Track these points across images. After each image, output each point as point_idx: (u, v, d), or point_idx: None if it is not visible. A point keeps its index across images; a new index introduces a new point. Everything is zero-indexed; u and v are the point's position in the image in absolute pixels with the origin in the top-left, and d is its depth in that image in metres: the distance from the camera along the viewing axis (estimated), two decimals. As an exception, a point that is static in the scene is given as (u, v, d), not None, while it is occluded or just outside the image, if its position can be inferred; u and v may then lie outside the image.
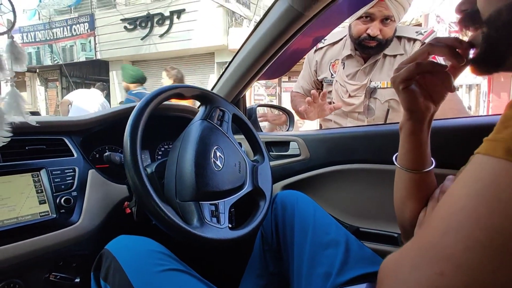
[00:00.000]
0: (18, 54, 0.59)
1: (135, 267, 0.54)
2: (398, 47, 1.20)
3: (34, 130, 0.71)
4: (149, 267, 0.54)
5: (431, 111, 0.53)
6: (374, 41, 1.16)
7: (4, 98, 0.60)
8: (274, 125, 1.43)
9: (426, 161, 0.55)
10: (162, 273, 0.54)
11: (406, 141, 0.55)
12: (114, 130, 0.80)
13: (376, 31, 1.14)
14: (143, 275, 0.53)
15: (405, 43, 1.20)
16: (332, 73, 1.33)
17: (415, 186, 0.56)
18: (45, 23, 9.46)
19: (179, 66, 8.75)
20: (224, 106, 0.76)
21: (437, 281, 0.26)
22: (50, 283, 0.66)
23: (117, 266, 0.55)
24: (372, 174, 0.83)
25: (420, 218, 0.55)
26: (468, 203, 0.27)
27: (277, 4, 0.79)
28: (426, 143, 0.54)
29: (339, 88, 1.28)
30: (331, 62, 1.33)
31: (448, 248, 0.27)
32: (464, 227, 0.26)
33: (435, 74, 0.50)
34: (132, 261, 0.55)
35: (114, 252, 0.57)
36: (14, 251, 0.60)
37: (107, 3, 9.01)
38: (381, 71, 1.22)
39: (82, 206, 0.71)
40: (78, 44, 9.20)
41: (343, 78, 1.27)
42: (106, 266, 0.57)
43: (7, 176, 0.65)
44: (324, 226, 0.69)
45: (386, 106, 1.21)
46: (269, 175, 0.79)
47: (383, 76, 1.21)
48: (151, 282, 0.53)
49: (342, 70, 1.28)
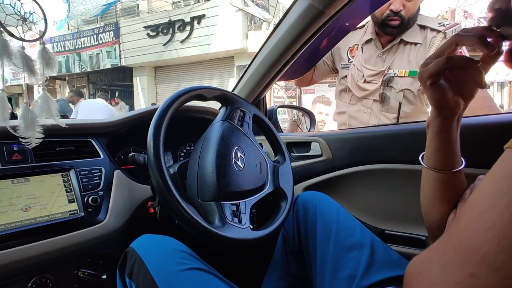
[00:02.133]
0: (49, 60, 0.62)
1: (158, 265, 0.55)
2: (417, 35, 1.17)
3: (63, 132, 0.74)
4: (172, 266, 0.55)
5: (460, 108, 0.50)
6: (397, 18, 1.14)
7: (37, 102, 0.63)
8: (294, 126, 1.42)
9: (455, 160, 0.52)
10: (185, 271, 0.54)
11: (434, 140, 0.52)
12: (138, 131, 0.83)
13: (399, 6, 1.12)
14: (166, 273, 0.54)
15: (427, 33, 1.17)
16: (349, 58, 1.31)
17: (444, 187, 0.53)
18: (73, 33, 9.96)
19: (199, 70, 8.98)
20: (245, 107, 0.76)
21: (468, 283, 0.24)
22: (79, 279, 0.68)
23: (141, 264, 0.56)
24: (398, 174, 0.81)
25: (449, 220, 0.52)
26: (499, 200, 0.26)
27: (297, 3, 0.79)
28: (455, 142, 0.52)
29: (355, 72, 1.26)
30: (350, 47, 1.32)
31: (479, 248, 0.25)
32: (496, 226, 0.25)
33: (466, 69, 0.47)
34: (156, 259, 0.56)
35: (138, 251, 0.59)
36: (46, 247, 0.63)
37: (131, 12, 9.36)
38: (400, 58, 1.19)
39: (108, 205, 0.74)
40: (104, 52, 9.61)
41: (361, 62, 1.25)
42: (130, 264, 0.58)
43: (40, 176, 0.69)
44: (347, 228, 0.67)
45: (401, 96, 1.18)
46: (290, 175, 0.78)
47: (402, 64, 1.18)
48: (174, 280, 0.53)
49: (361, 55, 1.26)
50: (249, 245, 0.60)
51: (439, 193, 0.54)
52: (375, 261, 0.60)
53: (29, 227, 0.63)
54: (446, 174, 0.53)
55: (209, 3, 8.06)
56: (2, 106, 0.58)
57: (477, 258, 0.25)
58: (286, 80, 6.45)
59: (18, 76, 9.25)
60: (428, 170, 0.55)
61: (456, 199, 0.54)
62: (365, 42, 1.27)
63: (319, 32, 0.84)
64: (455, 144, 0.52)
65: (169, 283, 0.53)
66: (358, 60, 1.26)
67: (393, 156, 0.81)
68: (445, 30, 1.13)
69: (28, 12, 0.59)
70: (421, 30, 1.18)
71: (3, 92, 0.59)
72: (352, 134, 0.92)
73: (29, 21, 0.59)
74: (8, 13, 0.58)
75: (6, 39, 0.56)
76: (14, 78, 9.87)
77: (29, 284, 0.62)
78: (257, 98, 1.08)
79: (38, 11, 0.60)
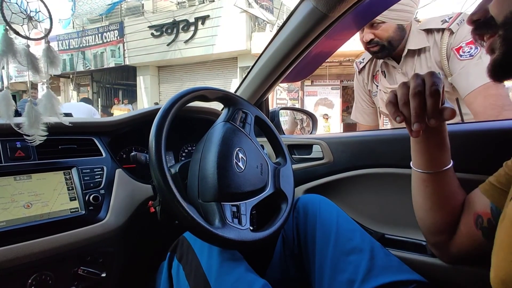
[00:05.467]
0: (53, 58, 0.62)
1: (204, 253, 0.64)
2: (423, 41, 1.16)
3: (67, 130, 0.75)
4: (216, 255, 0.62)
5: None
6: (373, 45, 1.18)
7: (41, 100, 0.63)
8: (295, 127, 1.42)
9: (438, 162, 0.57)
10: (227, 261, 0.61)
11: (415, 147, 0.59)
12: (140, 131, 0.83)
13: (368, 36, 1.16)
14: (211, 260, 0.62)
15: (435, 35, 1.16)
16: (376, 85, 1.33)
17: (432, 191, 0.58)
18: (78, 31, 10.02)
19: (202, 70, 9.01)
20: (247, 108, 0.76)
21: None
22: (79, 277, 0.68)
23: (191, 251, 0.65)
24: (399, 178, 0.80)
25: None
26: None
27: (301, 6, 0.79)
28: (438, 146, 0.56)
29: (382, 96, 1.28)
30: (373, 75, 1.34)
31: None
32: None
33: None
34: (202, 248, 0.65)
35: (189, 239, 0.68)
36: (46, 245, 0.63)
37: (136, 11, 9.40)
38: (420, 68, 1.18)
39: (109, 204, 0.74)
40: (108, 50, 9.66)
41: (385, 85, 1.26)
42: (182, 250, 0.67)
43: (42, 173, 0.69)
44: (347, 232, 0.67)
45: None
46: (291, 178, 0.78)
47: (423, 70, 1.17)
48: (218, 267, 0.60)
49: (384, 78, 1.28)
50: (248, 246, 0.60)
51: (428, 196, 0.59)
52: (375, 266, 0.60)
53: (31, 224, 0.63)
54: (431, 175, 0.57)
55: (213, 4, 8.09)
56: (6, 104, 0.59)
57: None
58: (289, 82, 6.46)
59: (22, 73, 9.31)
60: (416, 172, 0.59)
61: (446, 203, 0.57)
62: (384, 65, 1.28)
63: (323, 35, 0.84)
64: (438, 148, 0.56)
65: (213, 268, 0.60)
66: (382, 83, 1.28)
67: (394, 160, 0.81)
68: (448, 26, 1.12)
69: (33, 10, 0.60)
70: (429, 35, 1.17)
71: (7, 90, 0.59)
72: (353, 137, 0.92)
73: (34, 20, 0.60)
74: (14, 11, 0.58)
75: (11, 37, 0.57)
76: (18, 75, 9.93)
77: (29, 280, 0.62)
78: (260, 100, 1.08)
79: (44, 9, 0.61)
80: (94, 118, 0.87)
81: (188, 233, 0.70)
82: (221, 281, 0.58)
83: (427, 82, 0.50)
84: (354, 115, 1.51)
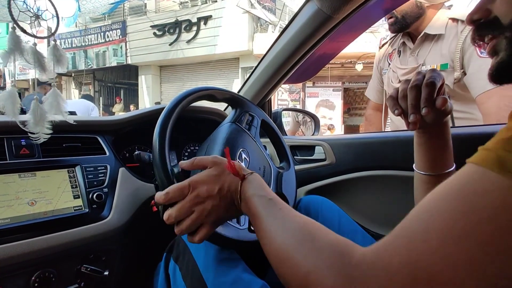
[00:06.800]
0: (59, 57, 0.62)
1: (201, 253, 0.62)
2: (441, 28, 1.15)
3: (71, 128, 0.75)
4: (213, 255, 0.60)
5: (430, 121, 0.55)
6: (391, 17, 1.19)
7: (47, 98, 0.64)
8: (297, 127, 1.43)
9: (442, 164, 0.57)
10: (224, 260, 0.60)
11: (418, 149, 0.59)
12: (144, 130, 0.83)
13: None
14: (208, 260, 0.60)
15: (458, 26, 1.14)
16: (389, 63, 1.33)
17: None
18: (81, 30, 10.04)
19: (204, 70, 9.01)
20: (254, 111, 0.77)
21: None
22: (82, 275, 0.69)
23: (187, 251, 0.63)
24: (401, 180, 0.80)
25: None
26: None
27: (305, 7, 0.79)
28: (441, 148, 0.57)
29: (391, 75, 1.28)
30: (389, 53, 1.34)
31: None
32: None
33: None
34: (198, 248, 0.63)
35: (185, 239, 0.65)
36: (50, 242, 0.63)
37: (138, 11, 9.42)
38: (434, 54, 1.17)
39: (112, 202, 0.74)
40: (110, 49, 9.67)
41: (396, 64, 1.26)
42: (178, 250, 0.65)
43: (46, 171, 0.70)
44: (349, 233, 0.67)
45: None
46: (293, 183, 0.78)
47: (435, 58, 1.16)
48: (215, 267, 0.59)
49: (397, 58, 1.28)
50: (245, 246, 0.60)
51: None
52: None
53: (34, 221, 0.63)
54: (434, 177, 0.57)
55: (216, 4, 8.10)
56: (12, 101, 0.59)
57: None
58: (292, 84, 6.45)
59: (24, 71, 9.33)
60: (419, 175, 0.59)
61: None
62: (401, 44, 1.28)
63: (327, 36, 0.85)
64: (440, 151, 0.57)
65: (210, 269, 0.59)
66: (394, 62, 1.28)
67: (397, 162, 0.81)
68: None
69: (39, 9, 0.60)
70: (453, 23, 1.15)
71: (14, 87, 0.60)
72: (356, 139, 0.92)
73: (41, 18, 0.60)
74: (21, 9, 0.59)
75: (19, 35, 0.57)
76: (20, 73, 9.95)
77: (33, 277, 0.62)
78: (263, 101, 1.08)
79: (51, 8, 0.61)
80: (98, 117, 0.88)
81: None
82: (218, 282, 0.57)
83: (426, 76, 0.51)
84: (367, 91, 1.52)
